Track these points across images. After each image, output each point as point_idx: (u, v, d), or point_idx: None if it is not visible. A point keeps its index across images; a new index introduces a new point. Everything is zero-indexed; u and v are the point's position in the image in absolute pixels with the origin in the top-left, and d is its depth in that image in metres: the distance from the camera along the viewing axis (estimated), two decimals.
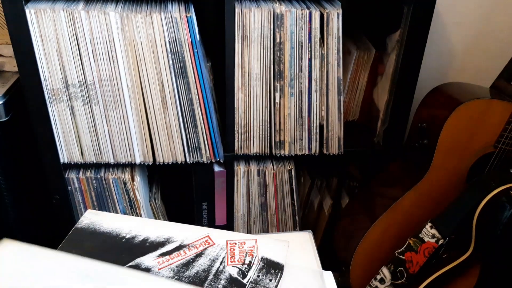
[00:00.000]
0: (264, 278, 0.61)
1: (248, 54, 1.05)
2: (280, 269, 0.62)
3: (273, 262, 0.64)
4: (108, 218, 0.71)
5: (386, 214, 1.10)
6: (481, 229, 0.95)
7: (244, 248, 0.66)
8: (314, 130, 1.14)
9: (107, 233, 0.69)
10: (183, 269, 0.63)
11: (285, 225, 1.30)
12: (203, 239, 0.67)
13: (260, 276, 0.61)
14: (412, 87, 1.13)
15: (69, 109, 1.06)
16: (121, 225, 0.70)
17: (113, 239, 0.67)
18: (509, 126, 1.00)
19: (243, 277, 0.61)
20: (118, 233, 0.68)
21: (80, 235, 0.68)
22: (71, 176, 1.15)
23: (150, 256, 0.65)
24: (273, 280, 0.61)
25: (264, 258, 0.64)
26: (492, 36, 1.37)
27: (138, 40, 1.00)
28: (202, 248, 0.66)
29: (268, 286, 0.60)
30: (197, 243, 0.67)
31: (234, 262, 0.64)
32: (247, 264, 0.63)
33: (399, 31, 1.10)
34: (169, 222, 0.71)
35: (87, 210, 0.73)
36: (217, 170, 1.21)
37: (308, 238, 0.71)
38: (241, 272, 0.62)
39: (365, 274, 1.12)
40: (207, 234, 0.68)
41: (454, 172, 1.06)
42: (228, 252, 0.65)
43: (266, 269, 0.62)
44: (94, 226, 0.70)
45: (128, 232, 0.68)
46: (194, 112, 1.08)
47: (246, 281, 0.60)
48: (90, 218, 0.71)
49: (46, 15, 0.96)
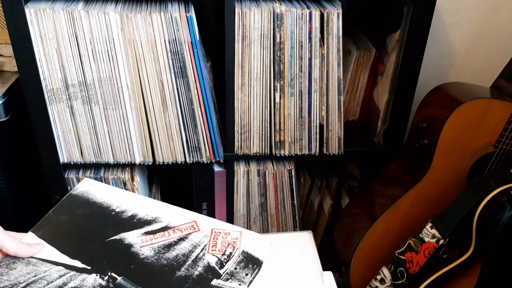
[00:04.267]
0: (240, 271, 0.61)
1: (248, 54, 1.05)
2: (259, 265, 0.62)
3: (253, 257, 0.63)
4: (103, 190, 0.72)
5: (386, 214, 1.10)
6: (481, 229, 0.95)
7: (228, 239, 0.66)
8: (314, 130, 1.14)
9: (98, 204, 0.69)
10: (164, 250, 0.63)
11: (285, 225, 1.30)
12: (189, 224, 0.68)
13: (237, 269, 0.61)
14: (412, 87, 1.13)
15: (68, 109, 1.06)
16: (113, 198, 0.70)
17: (103, 210, 0.68)
18: (509, 126, 1.00)
19: (220, 267, 0.61)
20: (109, 205, 0.69)
21: (73, 202, 0.69)
22: (71, 176, 1.15)
23: (134, 232, 0.65)
24: (249, 275, 0.61)
25: (245, 252, 0.64)
26: (492, 36, 1.37)
27: (138, 40, 1.00)
28: (186, 232, 0.66)
29: (243, 280, 0.60)
30: (182, 227, 0.67)
31: (215, 251, 0.64)
32: (227, 255, 0.63)
33: (399, 31, 1.10)
34: (159, 202, 0.71)
35: (84, 178, 0.74)
36: (217, 170, 1.21)
37: (308, 238, 0.70)
38: (219, 262, 0.62)
39: (365, 274, 1.11)
40: (194, 220, 0.68)
41: (454, 172, 1.06)
42: (211, 240, 0.65)
43: (244, 263, 0.62)
44: (87, 195, 0.71)
45: (119, 205, 0.69)
46: (194, 112, 1.08)
47: (222, 271, 0.61)
48: (86, 187, 0.72)
49: (46, 15, 0.96)
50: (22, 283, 0.57)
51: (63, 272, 0.59)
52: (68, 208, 0.68)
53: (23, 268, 0.58)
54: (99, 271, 0.59)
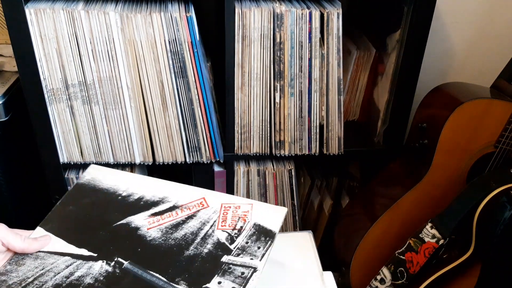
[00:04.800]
0: (252, 245, 0.58)
1: (248, 54, 1.05)
2: (272, 237, 0.59)
3: (265, 229, 0.60)
4: (109, 175, 0.70)
5: (386, 214, 1.10)
6: (482, 229, 0.95)
7: (238, 213, 0.63)
8: (314, 130, 1.14)
9: (105, 190, 0.68)
10: (171, 230, 0.61)
11: (285, 225, 1.30)
12: (198, 201, 0.65)
13: (248, 242, 0.59)
14: (412, 87, 1.13)
15: (68, 109, 1.06)
16: (120, 183, 0.69)
17: (110, 196, 0.67)
18: (509, 126, 1.00)
19: (231, 242, 0.59)
20: (116, 190, 0.68)
21: (80, 191, 0.68)
22: (71, 176, 1.15)
23: (141, 215, 0.63)
24: (262, 248, 0.58)
25: (256, 225, 0.61)
26: (492, 36, 1.37)
27: (138, 40, 1.00)
28: (195, 210, 0.64)
29: (255, 253, 0.57)
30: (190, 205, 0.65)
31: (225, 226, 0.61)
32: (238, 230, 0.60)
33: (399, 31, 1.10)
34: (167, 182, 0.69)
35: (90, 165, 0.72)
36: (217, 170, 1.21)
37: (308, 238, 0.70)
38: (230, 238, 0.59)
39: (365, 274, 1.11)
40: (202, 196, 0.66)
41: (454, 172, 1.06)
42: (220, 216, 0.63)
43: (256, 236, 0.59)
44: (94, 182, 0.69)
45: (125, 189, 0.68)
46: (194, 112, 1.08)
47: (233, 247, 0.58)
48: (92, 174, 0.71)
49: (46, 15, 0.96)
50: (30, 277, 0.56)
51: (69, 262, 0.58)
52: (75, 198, 0.67)
53: (31, 263, 0.58)
54: (105, 258, 0.58)
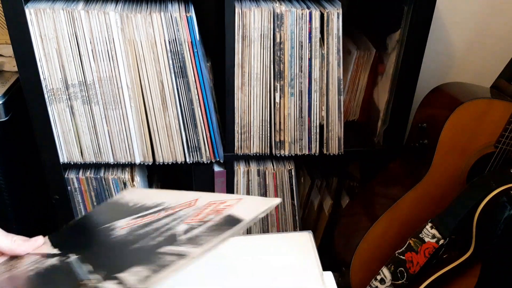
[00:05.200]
0: (205, 235, 0.50)
1: (248, 54, 1.05)
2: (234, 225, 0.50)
3: (234, 219, 0.51)
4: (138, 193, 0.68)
5: (386, 214, 1.09)
6: (482, 229, 0.95)
7: (218, 208, 0.55)
8: (314, 130, 1.14)
9: (119, 203, 0.67)
10: (139, 228, 0.56)
11: (285, 225, 1.30)
12: (188, 202, 0.60)
13: (206, 232, 0.50)
14: (412, 87, 1.13)
15: (68, 109, 1.06)
16: (138, 197, 0.66)
17: (118, 206, 0.65)
18: (509, 126, 1.00)
19: (184, 234, 0.51)
20: (127, 201, 0.65)
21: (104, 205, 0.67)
22: (71, 176, 1.15)
23: (127, 218, 0.60)
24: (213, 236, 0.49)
25: (228, 216, 0.53)
26: (492, 36, 1.37)
27: (138, 40, 1.00)
28: (178, 209, 0.58)
29: (201, 242, 0.48)
30: (178, 206, 0.59)
31: (194, 220, 0.54)
32: (204, 222, 0.52)
33: (399, 31, 1.10)
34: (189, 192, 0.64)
35: (127, 188, 0.71)
36: (217, 170, 1.21)
37: (308, 238, 0.70)
38: (187, 230, 0.51)
39: (365, 274, 1.11)
40: (196, 198, 0.61)
41: (454, 172, 1.06)
42: (197, 212, 0.56)
43: (218, 226, 0.51)
44: (117, 199, 0.68)
45: (137, 203, 0.65)
46: (194, 112, 1.08)
47: (181, 238, 0.51)
48: (125, 194, 0.69)
49: (46, 15, 0.96)
50: None
51: (34, 259, 0.56)
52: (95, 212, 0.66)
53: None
54: (62, 254, 0.55)
